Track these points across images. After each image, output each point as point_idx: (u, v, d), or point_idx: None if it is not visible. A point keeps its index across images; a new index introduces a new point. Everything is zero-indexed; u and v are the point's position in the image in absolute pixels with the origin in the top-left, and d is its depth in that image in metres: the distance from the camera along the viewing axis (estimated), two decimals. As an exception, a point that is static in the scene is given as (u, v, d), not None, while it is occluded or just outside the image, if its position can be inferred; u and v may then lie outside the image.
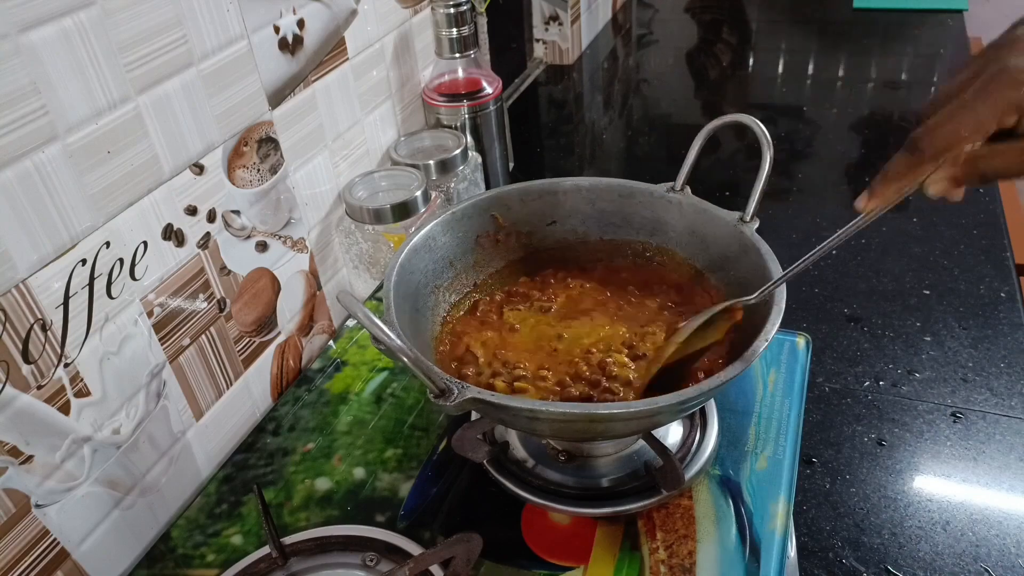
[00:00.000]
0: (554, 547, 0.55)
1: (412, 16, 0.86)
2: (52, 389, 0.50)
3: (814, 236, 0.87)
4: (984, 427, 0.62)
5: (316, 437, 0.66)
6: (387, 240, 0.75)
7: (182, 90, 0.56)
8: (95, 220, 0.51)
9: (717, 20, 1.59)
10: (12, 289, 0.46)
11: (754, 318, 0.52)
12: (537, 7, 1.31)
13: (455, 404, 0.45)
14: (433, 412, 0.67)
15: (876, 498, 0.58)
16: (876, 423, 0.64)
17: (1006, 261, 0.80)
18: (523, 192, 0.65)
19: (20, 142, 0.45)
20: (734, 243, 0.58)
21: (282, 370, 0.73)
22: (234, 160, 0.63)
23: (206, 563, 0.57)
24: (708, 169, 1.01)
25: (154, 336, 0.58)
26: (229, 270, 0.64)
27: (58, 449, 0.51)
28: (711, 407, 0.63)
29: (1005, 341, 0.70)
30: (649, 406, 0.46)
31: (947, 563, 0.53)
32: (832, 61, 1.34)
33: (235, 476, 0.64)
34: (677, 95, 1.30)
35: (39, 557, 0.51)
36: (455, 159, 0.82)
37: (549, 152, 1.14)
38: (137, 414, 0.57)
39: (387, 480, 0.62)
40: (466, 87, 0.87)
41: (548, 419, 0.47)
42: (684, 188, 0.63)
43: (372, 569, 0.54)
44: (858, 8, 1.49)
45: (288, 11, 0.66)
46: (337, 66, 0.74)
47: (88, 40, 0.48)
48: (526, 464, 0.60)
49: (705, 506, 0.56)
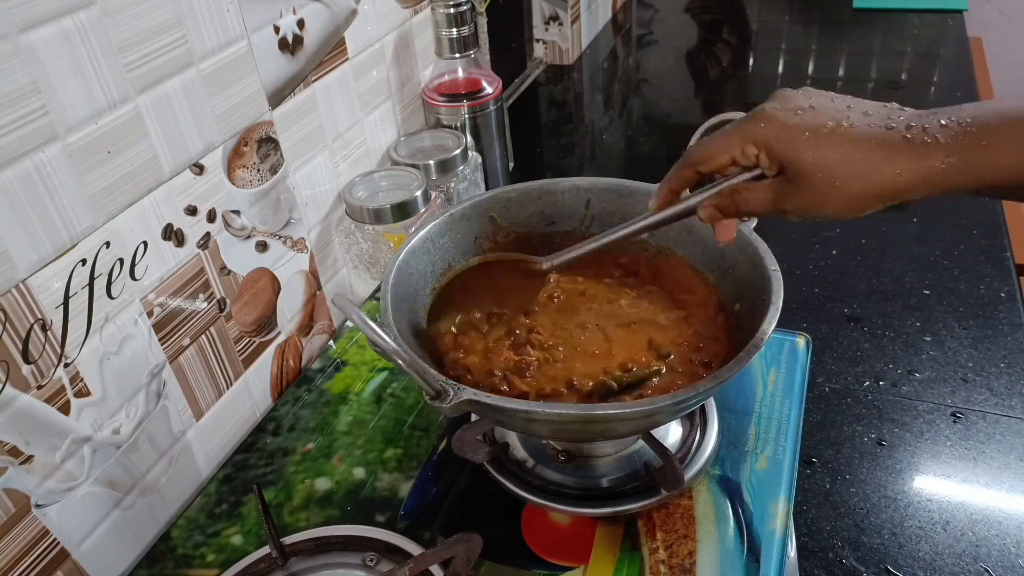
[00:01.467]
0: (554, 547, 0.55)
1: (412, 16, 0.86)
2: (52, 389, 0.50)
3: (813, 236, 0.87)
4: (984, 427, 0.62)
5: (316, 437, 0.66)
6: (387, 240, 0.75)
7: (182, 90, 0.56)
8: (95, 220, 0.51)
9: (717, 20, 1.59)
10: (12, 289, 0.46)
11: (752, 318, 0.52)
12: (537, 7, 1.31)
13: (451, 406, 0.45)
14: (433, 412, 0.67)
15: (876, 498, 0.58)
16: (876, 423, 0.64)
17: (1006, 261, 0.80)
18: (522, 192, 0.65)
19: (20, 142, 0.45)
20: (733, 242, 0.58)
21: (282, 370, 0.73)
22: (234, 160, 0.63)
23: (206, 563, 0.57)
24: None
25: (154, 336, 0.58)
26: (229, 270, 0.64)
27: (58, 449, 0.51)
28: (711, 407, 0.63)
29: (1005, 341, 0.70)
30: (646, 406, 0.46)
31: (947, 563, 0.53)
32: (832, 61, 1.34)
33: (235, 476, 0.64)
34: (677, 95, 1.30)
35: (39, 557, 0.51)
36: (455, 159, 0.82)
37: (549, 152, 1.14)
38: (137, 414, 0.57)
39: (387, 480, 0.62)
40: (466, 87, 0.87)
41: (545, 420, 0.47)
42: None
43: (372, 569, 0.54)
44: (858, 8, 1.49)
45: (288, 11, 0.66)
46: (337, 66, 0.74)
47: (88, 40, 0.48)
48: (526, 464, 0.60)
49: (705, 506, 0.56)
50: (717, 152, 0.48)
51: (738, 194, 0.48)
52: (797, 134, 0.44)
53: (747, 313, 0.55)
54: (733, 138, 0.47)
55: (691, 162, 0.49)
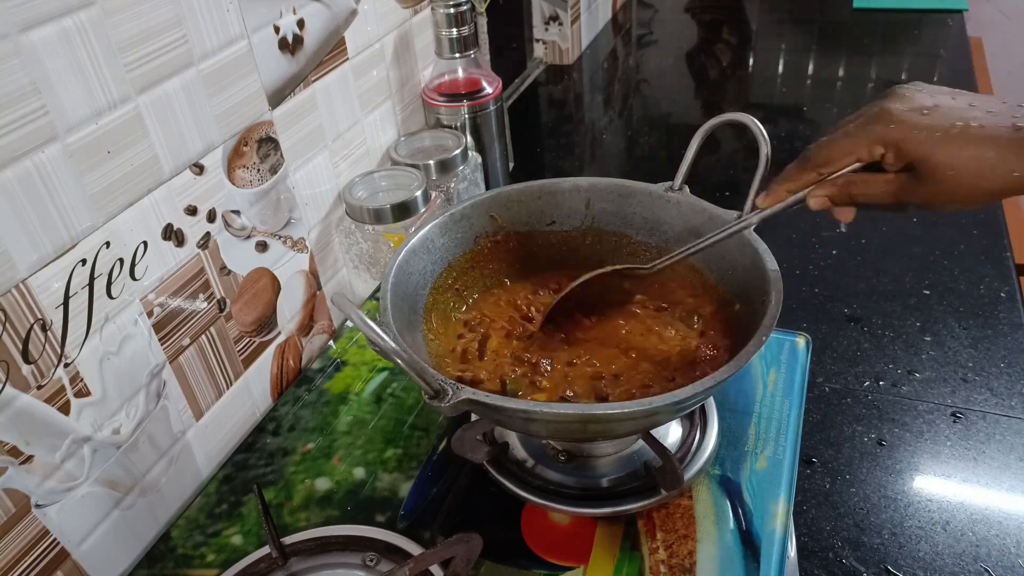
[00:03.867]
0: (554, 547, 0.55)
1: (412, 16, 0.86)
2: (52, 389, 0.50)
3: (814, 236, 0.87)
4: (984, 427, 0.62)
5: (316, 437, 0.66)
6: (387, 240, 0.75)
7: (182, 90, 0.56)
8: (95, 220, 0.51)
9: (717, 20, 1.59)
10: (12, 289, 0.46)
11: (752, 318, 0.52)
12: (537, 7, 1.31)
13: (450, 405, 0.45)
14: (433, 412, 0.67)
15: (876, 498, 0.58)
16: (876, 423, 0.64)
17: (1006, 261, 0.80)
18: (522, 192, 0.65)
19: (20, 142, 0.45)
20: (732, 242, 0.58)
21: (282, 370, 0.73)
22: (234, 160, 0.63)
23: (206, 563, 0.57)
24: (707, 169, 1.01)
25: (154, 336, 0.58)
26: (229, 270, 0.64)
27: (58, 449, 0.51)
28: (711, 407, 0.63)
29: (1005, 341, 0.70)
30: (645, 406, 0.46)
31: (947, 563, 0.53)
32: (832, 61, 1.34)
33: (235, 476, 0.64)
34: (677, 95, 1.30)
35: (39, 557, 0.51)
36: (455, 159, 0.82)
37: (549, 152, 1.14)
38: (137, 414, 0.57)
39: (387, 480, 0.62)
40: (466, 87, 0.87)
41: (544, 420, 0.47)
42: (683, 188, 0.63)
43: (372, 569, 0.54)
44: (858, 8, 1.49)
45: (288, 11, 0.66)
46: (337, 66, 0.74)
47: (88, 40, 0.48)
48: (526, 464, 0.60)
49: (705, 506, 0.56)
50: (843, 154, 0.48)
51: (854, 185, 0.48)
52: (928, 135, 0.44)
53: (747, 313, 0.55)
54: (860, 140, 0.47)
55: (815, 165, 0.49)
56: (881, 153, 0.47)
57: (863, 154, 0.47)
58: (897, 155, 0.46)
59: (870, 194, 0.48)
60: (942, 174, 0.44)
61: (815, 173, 0.50)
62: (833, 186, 0.49)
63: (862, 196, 0.48)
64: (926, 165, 0.45)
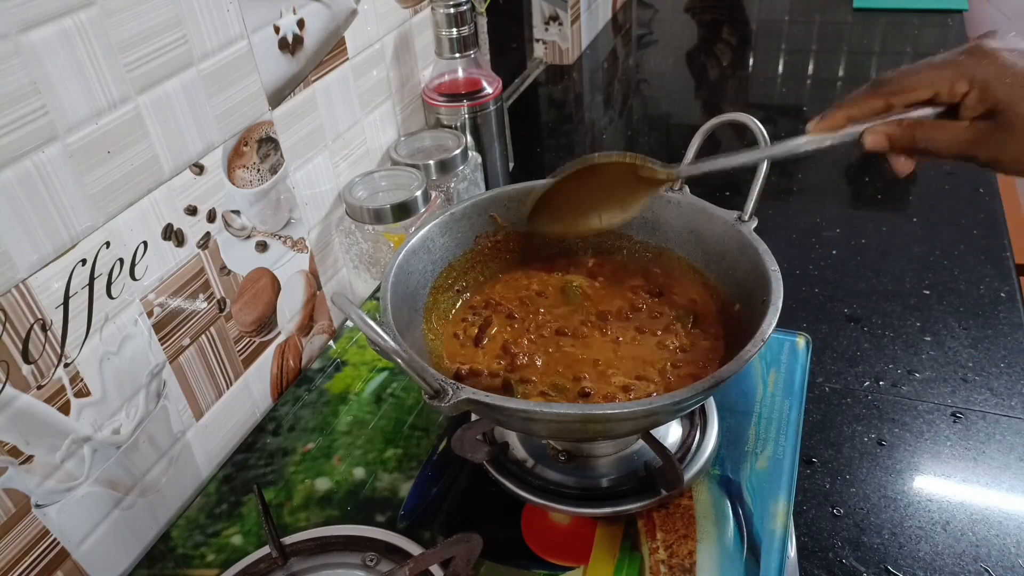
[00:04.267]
0: (554, 547, 0.55)
1: (412, 16, 0.86)
2: (52, 389, 0.50)
3: (814, 236, 0.87)
4: (984, 427, 0.62)
5: (316, 437, 0.66)
6: (387, 240, 0.75)
7: (182, 90, 0.56)
8: (95, 220, 0.51)
9: (717, 20, 1.59)
10: (12, 289, 0.46)
11: (751, 318, 0.52)
12: (537, 7, 1.31)
13: (450, 405, 0.45)
14: (433, 412, 0.67)
15: (876, 498, 0.58)
16: (876, 423, 0.64)
17: (1006, 261, 0.80)
18: (522, 192, 0.65)
19: (20, 142, 0.45)
20: (732, 242, 0.58)
21: (282, 370, 0.73)
22: (234, 160, 0.63)
23: (206, 563, 0.57)
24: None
25: (154, 336, 0.58)
26: (229, 270, 0.64)
27: (58, 449, 0.51)
28: (711, 407, 0.63)
29: (1005, 341, 0.70)
30: (645, 406, 0.46)
31: (947, 563, 0.53)
32: (832, 61, 1.34)
33: (235, 476, 0.64)
34: (677, 95, 1.30)
35: (39, 557, 0.51)
36: (455, 159, 0.82)
37: (549, 152, 1.14)
38: (137, 414, 0.57)
39: (387, 480, 0.62)
40: (466, 87, 0.87)
41: (543, 419, 0.47)
42: (683, 187, 0.63)
43: (372, 569, 0.54)
44: (858, 8, 1.49)
45: (288, 11, 0.66)
46: (337, 66, 0.74)
47: (88, 40, 0.48)
48: (526, 464, 0.60)
49: (705, 506, 0.56)
50: (921, 84, 0.43)
51: (920, 129, 0.43)
52: (1022, 79, 0.40)
53: (747, 313, 0.55)
54: (945, 71, 0.42)
55: (886, 91, 0.44)
56: (964, 92, 0.41)
57: (944, 88, 0.42)
58: (982, 96, 0.41)
59: (937, 140, 0.42)
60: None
61: (884, 102, 0.44)
62: (898, 125, 0.43)
63: (926, 143, 0.43)
64: (1012, 113, 0.40)
